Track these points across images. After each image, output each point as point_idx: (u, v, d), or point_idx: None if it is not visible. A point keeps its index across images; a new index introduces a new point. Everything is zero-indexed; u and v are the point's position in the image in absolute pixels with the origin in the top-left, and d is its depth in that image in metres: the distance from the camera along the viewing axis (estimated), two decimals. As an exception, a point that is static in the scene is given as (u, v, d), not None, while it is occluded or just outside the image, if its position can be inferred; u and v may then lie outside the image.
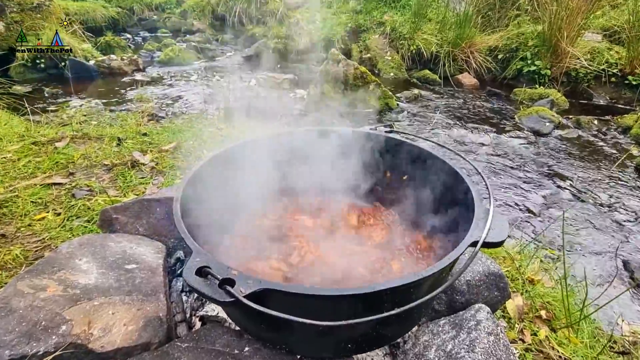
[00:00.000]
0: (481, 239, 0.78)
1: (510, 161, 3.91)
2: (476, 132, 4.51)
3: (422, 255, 1.20)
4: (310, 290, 0.65)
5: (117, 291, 1.15)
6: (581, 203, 3.22)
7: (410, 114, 5.03)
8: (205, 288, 0.67)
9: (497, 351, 1.03)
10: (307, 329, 0.79)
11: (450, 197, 1.11)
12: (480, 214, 0.86)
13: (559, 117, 4.78)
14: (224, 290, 0.66)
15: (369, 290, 0.65)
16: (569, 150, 4.19)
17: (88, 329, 0.99)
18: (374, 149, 1.38)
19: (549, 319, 1.67)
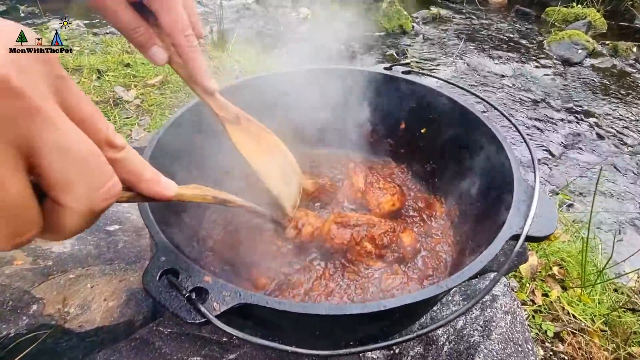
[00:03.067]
0: (524, 232, 0.61)
1: (533, 94, 3.56)
2: (498, 61, 4.06)
3: (438, 224, 1.05)
4: (302, 308, 0.51)
5: (96, 260, 1.04)
6: (605, 144, 2.98)
7: (426, 38, 4.50)
8: (170, 300, 0.53)
9: (514, 334, 0.93)
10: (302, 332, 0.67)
11: (479, 162, 0.91)
12: (521, 195, 0.68)
13: (593, 43, 4.25)
14: (192, 305, 0.52)
15: (376, 309, 0.51)
16: (600, 82, 3.79)
17: (63, 307, 0.90)
18: (388, 94, 1.14)
19: (562, 277, 1.59)
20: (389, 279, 0.84)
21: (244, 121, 0.73)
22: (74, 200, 0.28)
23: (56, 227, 0.29)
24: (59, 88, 0.28)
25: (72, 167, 0.28)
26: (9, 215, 0.25)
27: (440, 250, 0.99)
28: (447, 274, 0.94)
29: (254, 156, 0.75)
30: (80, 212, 0.29)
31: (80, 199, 0.29)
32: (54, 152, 0.26)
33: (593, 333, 1.35)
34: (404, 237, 0.93)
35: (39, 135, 0.25)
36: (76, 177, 0.28)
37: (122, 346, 0.79)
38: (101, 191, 0.30)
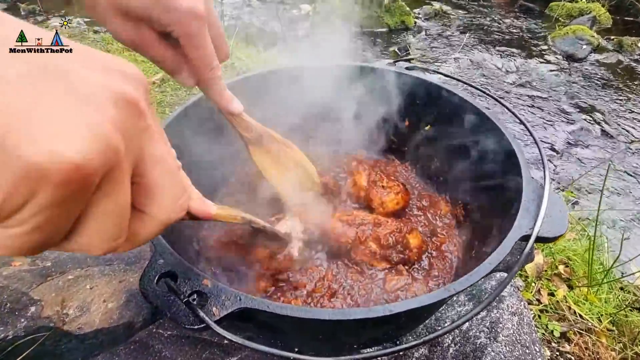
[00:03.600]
0: (534, 233, 0.59)
1: (537, 91, 3.52)
2: (502, 57, 4.01)
3: (443, 223, 1.03)
4: (305, 312, 0.49)
5: (95, 260, 1.03)
6: (611, 140, 2.94)
7: (428, 34, 4.46)
8: (168, 305, 0.52)
9: (522, 335, 0.91)
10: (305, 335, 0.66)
11: (486, 159, 0.89)
12: (530, 194, 0.66)
13: (598, 38, 4.20)
14: (191, 310, 0.50)
15: (381, 314, 0.49)
16: (605, 78, 3.74)
17: (62, 309, 0.89)
18: (392, 90, 1.11)
19: (568, 276, 1.56)
20: (393, 280, 0.83)
21: (267, 141, 0.76)
22: (157, 209, 0.31)
23: (133, 235, 0.31)
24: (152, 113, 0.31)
25: (165, 178, 0.31)
26: (115, 218, 0.27)
27: (445, 250, 0.97)
28: (452, 275, 0.92)
29: (275, 177, 0.79)
30: (160, 221, 0.32)
31: (164, 208, 0.32)
32: (154, 163, 0.30)
33: (600, 333, 1.33)
34: (411, 238, 0.91)
35: (146, 149, 0.29)
36: (166, 188, 0.31)
37: (121, 349, 0.78)
38: (179, 203, 0.33)
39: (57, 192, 0.21)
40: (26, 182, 0.20)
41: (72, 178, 0.22)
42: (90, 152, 0.22)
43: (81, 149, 0.22)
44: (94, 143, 0.23)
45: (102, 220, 0.26)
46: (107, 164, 0.24)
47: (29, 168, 0.20)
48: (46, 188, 0.21)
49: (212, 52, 0.58)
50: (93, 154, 0.22)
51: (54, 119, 0.21)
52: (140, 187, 0.30)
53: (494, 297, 0.52)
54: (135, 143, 0.27)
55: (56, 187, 0.21)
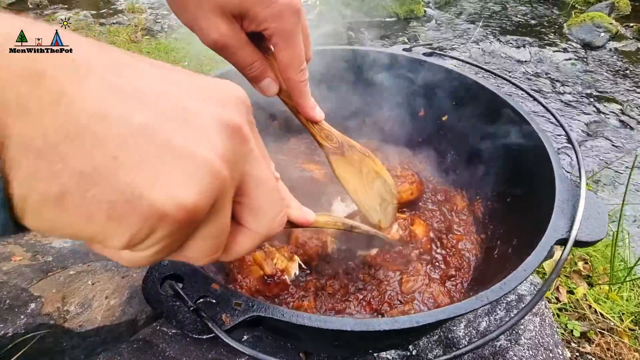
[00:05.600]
0: (571, 237, 0.53)
1: (552, 81, 3.40)
2: (515, 46, 3.88)
3: (460, 219, 0.97)
4: (324, 322, 0.44)
5: (98, 255, 0.99)
6: (630, 132, 2.83)
7: (439, 23, 4.33)
8: (173, 311, 0.47)
9: (544, 337, 0.86)
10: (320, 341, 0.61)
11: (509, 153, 0.83)
12: (564, 194, 0.60)
13: (617, 26, 4.04)
14: (199, 318, 0.45)
15: (408, 325, 0.44)
16: (623, 67, 3.60)
17: (62, 306, 0.86)
18: (406, 78, 1.05)
19: (588, 273, 1.50)
20: (409, 281, 0.78)
21: (347, 150, 0.72)
22: (258, 225, 0.32)
23: (233, 247, 0.33)
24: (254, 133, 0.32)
25: (265, 197, 0.32)
26: (219, 235, 0.29)
27: (462, 249, 0.92)
28: (471, 275, 0.87)
29: (357, 190, 0.74)
30: (260, 236, 0.33)
31: (264, 224, 0.33)
32: (256, 184, 0.30)
33: (622, 333, 1.27)
34: (416, 229, 0.86)
35: (249, 171, 0.30)
36: (266, 206, 0.32)
37: (123, 348, 0.75)
38: (278, 219, 0.34)
39: (173, 228, 0.24)
40: (150, 222, 0.23)
41: (187, 217, 0.24)
42: (201, 192, 0.24)
43: (194, 191, 0.24)
44: (205, 183, 0.25)
45: (205, 241, 0.28)
46: (216, 197, 0.26)
47: (152, 212, 0.23)
48: (165, 225, 0.24)
49: (303, 52, 0.55)
50: (204, 192, 0.25)
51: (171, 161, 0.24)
52: (243, 206, 0.31)
53: (531, 307, 0.47)
54: (239, 168, 0.28)
55: (172, 224, 0.24)
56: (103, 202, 0.22)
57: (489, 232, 0.88)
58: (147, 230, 0.24)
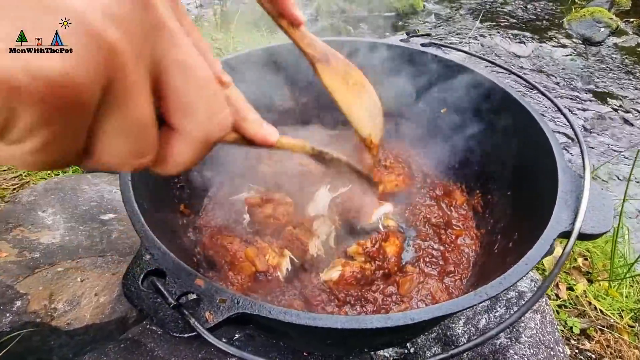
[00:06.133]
0: (575, 229, 0.50)
1: (552, 76, 3.38)
2: (515, 41, 3.85)
3: (459, 214, 0.95)
4: (313, 320, 0.42)
5: (87, 251, 0.97)
6: (629, 127, 2.81)
7: (438, 18, 4.29)
8: (154, 308, 0.45)
9: (545, 335, 0.84)
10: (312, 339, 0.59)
11: (509, 145, 0.80)
12: (568, 185, 0.57)
13: (617, 21, 4.01)
14: (181, 315, 0.43)
15: (402, 322, 0.41)
16: (623, 62, 3.57)
17: (49, 304, 0.83)
18: (404, 69, 1.02)
19: (588, 269, 1.48)
20: (406, 282, 0.75)
21: (333, 59, 0.70)
22: (192, 126, 0.28)
23: (169, 155, 0.28)
24: (175, 10, 0.26)
25: (194, 89, 0.27)
26: (136, 132, 0.24)
27: (462, 244, 0.89)
28: (470, 271, 0.85)
29: (345, 99, 0.73)
30: (196, 139, 0.28)
31: (198, 125, 0.28)
32: (178, 71, 0.25)
33: (622, 330, 1.26)
34: (387, 246, 0.81)
35: (165, 52, 0.24)
36: (196, 101, 0.27)
37: (110, 348, 0.72)
38: (217, 119, 0.29)
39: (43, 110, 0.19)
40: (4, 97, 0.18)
41: (56, 95, 0.19)
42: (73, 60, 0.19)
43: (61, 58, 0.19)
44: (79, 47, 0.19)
45: (116, 136, 0.24)
46: (105, 74, 0.21)
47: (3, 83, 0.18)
48: (25, 106, 0.19)
49: None
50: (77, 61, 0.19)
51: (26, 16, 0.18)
52: (166, 100, 0.26)
53: (532, 304, 0.44)
54: (147, 44, 0.23)
55: (37, 104, 0.19)
56: None
57: (488, 227, 0.85)
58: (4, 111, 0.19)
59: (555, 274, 0.47)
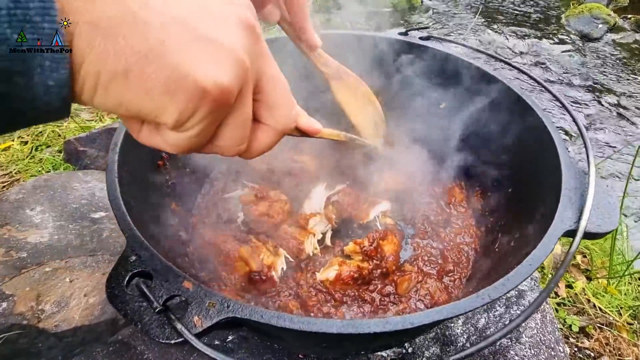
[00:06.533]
0: (580, 228, 0.49)
1: (549, 73, 3.36)
2: (513, 37, 3.83)
3: (458, 212, 0.93)
4: (308, 324, 0.40)
5: (77, 250, 0.94)
6: (627, 124, 2.80)
7: (436, 13, 4.26)
8: (139, 313, 0.42)
9: (546, 335, 0.83)
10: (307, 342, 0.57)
11: (510, 140, 0.78)
12: (572, 182, 0.55)
13: (615, 17, 4.00)
14: (167, 320, 0.41)
15: (401, 327, 0.39)
16: (621, 58, 3.57)
17: (37, 305, 0.80)
18: (402, 63, 1.00)
19: (587, 267, 1.47)
20: (404, 281, 0.73)
21: (345, 76, 0.79)
22: (275, 120, 0.37)
23: (254, 143, 0.37)
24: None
25: (279, 92, 0.36)
26: (245, 125, 0.34)
27: (461, 242, 0.87)
28: (469, 270, 0.83)
29: (354, 111, 0.82)
30: (277, 130, 0.38)
31: (280, 119, 0.37)
32: (270, 81, 0.35)
33: (621, 327, 1.25)
34: (385, 245, 0.79)
35: (263, 69, 0.34)
36: (280, 101, 0.36)
37: (98, 351, 0.70)
38: (291, 115, 0.39)
39: (212, 107, 0.29)
40: (195, 98, 0.28)
41: (222, 96, 0.29)
42: (232, 77, 0.29)
43: (227, 74, 0.29)
44: (235, 68, 0.29)
45: (234, 128, 0.33)
46: (241, 83, 0.30)
47: (197, 87, 0.28)
48: (206, 104, 0.29)
49: None
50: (234, 77, 0.29)
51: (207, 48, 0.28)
52: (259, 103, 0.35)
53: (538, 305, 0.42)
54: (255, 64, 0.32)
55: (212, 103, 0.29)
56: (158, 78, 0.27)
57: (488, 225, 0.83)
58: (193, 106, 0.28)
59: (561, 274, 0.45)
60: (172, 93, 0.27)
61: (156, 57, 0.26)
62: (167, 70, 0.26)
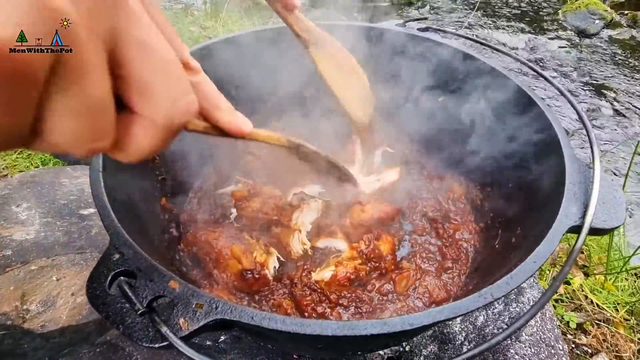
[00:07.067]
0: (586, 223, 0.47)
1: (546, 68, 3.35)
2: (510, 32, 3.81)
3: (457, 208, 0.91)
4: (301, 326, 0.37)
5: (65, 248, 0.91)
6: (624, 120, 2.80)
7: (433, 8, 4.23)
8: (121, 315, 0.40)
9: (545, 332, 0.81)
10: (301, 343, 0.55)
11: (510, 134, 0.76)
12: (576, 176, 0.53)
13: (612, 13, 3.99)
14: (151, 322, 0.38)
15: (400, 328, 0.37)
16: (617, 54, 3.56)
17: (21, 305, 0.78)
18: (399, 55, 0.97)
19: (585, 263, 1.46)
20: (403, 279, 0.71)
21: (328, 44, 0.71)
22: (153, 109, 0.26)
23: (128, 140, 0.27)
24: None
25: (155, 70, 0.26)
26: (91, 113, 0.23)
27: (460, 239, 0.85)
28: (469, 267, 0.81)
29: (337, 83, 0.74)
30: (157, 124, 0.27)
31: (160, 108, 0.26)
32: (137, 49, 0.24)
33: (618, 324, 1.24)
34: (381, 245, 0.76)
35: (124, 29, 0.23)
36: (157, 83, 0.26)
37: (84, 353, 0.67)
38: (180, 103, 0.28)
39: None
40: None
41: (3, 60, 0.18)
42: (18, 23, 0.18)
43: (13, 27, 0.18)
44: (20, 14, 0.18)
45: (68, 115, 0.22)
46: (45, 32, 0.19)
47: None
48: None
49: None
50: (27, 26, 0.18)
51: None
52: (125, 80, 0.25)
53: (541, 306, 0.40)
54: (104, 19, 0.22)
55: None
56: None
57: (488, 221, 0.82)
58: None
59: (566, 272, 0.43)
60: None
61: None
62: None
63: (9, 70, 0.19)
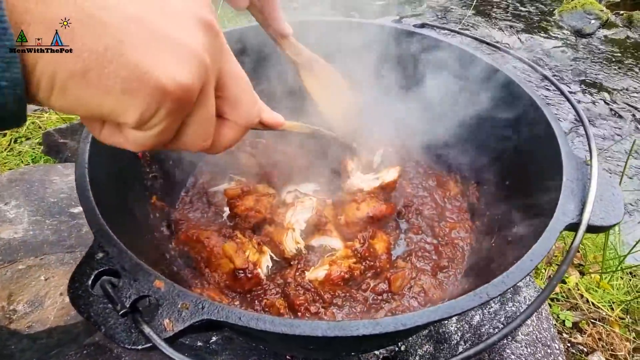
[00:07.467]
0: (583, 221, 0.46)
1: (542, 67, 3.35)
2: (506, 32, 3.81)
3: (453, 206, 0.90)
4: (290, 327, 0.36)
5: (54, 247, 0.89)
6: (619, 119, 2.81)
7: (429, 7, 4.22)
8: (104, 316, 0.38)
9: (541, 332, 0.81)
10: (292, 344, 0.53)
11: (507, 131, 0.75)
12: (573, 173, 0.52)
13: (607, 13, 4.00)
14: (134, 323, 0.37)
15: (392, 329, 0.36)
16: (613, 54, 3.57)
17: (8, 305, 0.76)
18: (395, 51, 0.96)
19: (580, 262, 1.46)
20: (398, 279, 0.70)
21: (316, 66, 0.77)
22: (239, 116, 0.38)
23: (218, 139, 0.38)
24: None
25: (242, 90, 0.37)
26: (208, 122, 0.34)
27: (456, 237, 0.84)
28: (464, 266, 0.80)
29: (323, 101, 0.81)
30: (240, 126, 0.39)
31: (243, 115, 0.38)
32: (232, 77, 0.36)
33: (614, 322, 1.24)
34: (376, 243, 0.75)
35: (224, 66, 0.35)
36: (243, 97, 0.37)
37: (71, 354, 0.65)
38: (254, 110, 0.39)
39: (174, 105, 0.29)
40: (156, 98, 0.28)
41: (184, 95, 0.29)
42: (193, 75, 0.30)
43: (188, 73, 0.29)
44: (195, 66, 0.30)
45: (198, 125, 0.33)
46: (202, 82, 0.31)
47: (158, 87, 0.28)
48: (167, 103, 0.29)
49: None
50: (195, 75, 0.30)
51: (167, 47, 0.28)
52: (222, 99, 0.36)
53: (539, 305, 0.39)
54: (216, 61, 0.32)
55: (173, 102, 0.29)
56: (118, 77, 0.26)
57: (485, 219, 0.81)
58: (154, 105, 0.28)
59: (564, 271, 0.42)
60: (133, 92, 0.27)
61: (115, 56, 0.26)
62: (127, 69, 0.26)
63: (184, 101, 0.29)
